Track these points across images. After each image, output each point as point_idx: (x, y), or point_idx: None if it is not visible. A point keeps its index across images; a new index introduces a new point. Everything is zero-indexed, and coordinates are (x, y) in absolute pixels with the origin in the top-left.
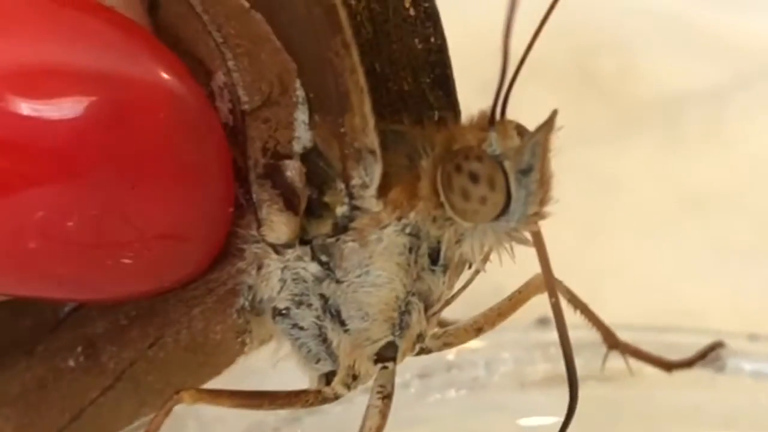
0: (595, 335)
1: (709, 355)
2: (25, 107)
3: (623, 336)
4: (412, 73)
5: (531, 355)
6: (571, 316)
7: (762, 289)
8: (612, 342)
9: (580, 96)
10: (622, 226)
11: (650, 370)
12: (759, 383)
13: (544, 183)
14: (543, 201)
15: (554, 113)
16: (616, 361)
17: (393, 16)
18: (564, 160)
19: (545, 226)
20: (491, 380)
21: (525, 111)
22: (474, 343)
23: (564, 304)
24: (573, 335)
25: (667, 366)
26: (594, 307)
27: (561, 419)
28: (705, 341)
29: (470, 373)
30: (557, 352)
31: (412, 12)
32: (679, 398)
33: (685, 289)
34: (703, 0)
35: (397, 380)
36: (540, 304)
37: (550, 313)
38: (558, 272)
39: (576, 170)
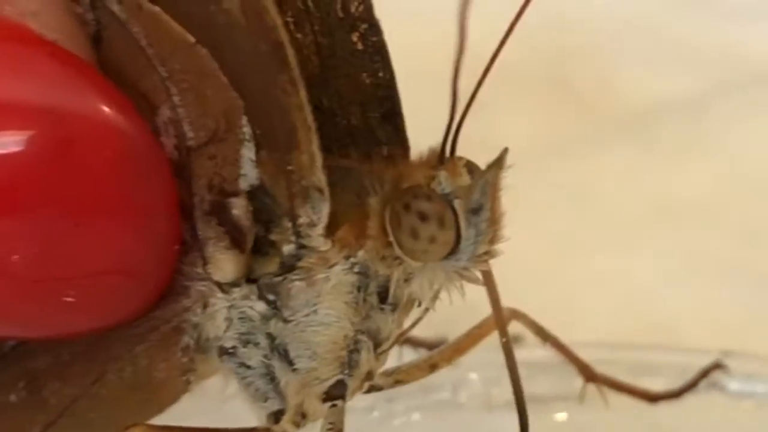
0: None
1: (700, 382)
2: None
3: (596, 354)
4: (360, 107)
5: (499, 376)
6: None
7: (738, 302)
8: (588, 375)
9: (554, 105)
10: (597, 239)
11: None
12: (732, 402)
13: (495, 222)
14: (493, 240)
15: (504, 152)
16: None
17: (340, 49)
18: (538, 171)
19: (519, 240)
20: (458, 402)
21: (498, 121)
22: None
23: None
24: (539, 354)
25: (652, 398)
26: (568, 321)
27: None
28: (679, 359)
29: (436, 395)
30: (527, 372)
31: (360, 46)
32: (647, 419)
33: (661, 302)
34: (680, 8)
35: (361, 404)
36: (511, 325)
37: (519, 331)
38: (531, 285)
39: (550, 181)
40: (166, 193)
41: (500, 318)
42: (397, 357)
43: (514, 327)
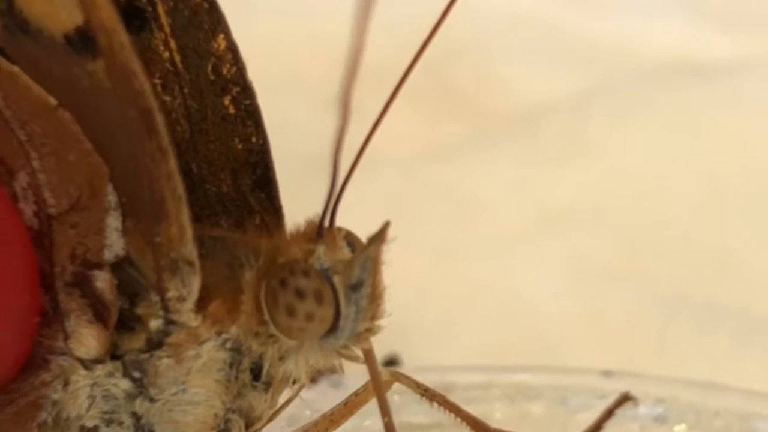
0: (441, 381)
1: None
2: None
3: (473, 378)
4: (231, 174)
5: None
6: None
7: (624, 314)
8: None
9: (433, 107)
10: (478, 248)
11: None
12: (615, 426)
13: (376, 298)
14: (375, 316)
15: (386, 225)
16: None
17: (211, 114)
18: (416, 176)
19: (395, 249)
20: None
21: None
22: (306, 394)
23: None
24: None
25: None
26: (446, 336)
27: None
28: (559, 381)
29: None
30: (401, 400)
31: (231, 110)
32: None
33: (544, 316)
34: (562, 4)
35: None
36: (387, 342)
37: (396, 353)
38: (407, 298)
39: (429, 188)
40: (24, 262)
41: (383, 399)
42: None
43: (392, 347)
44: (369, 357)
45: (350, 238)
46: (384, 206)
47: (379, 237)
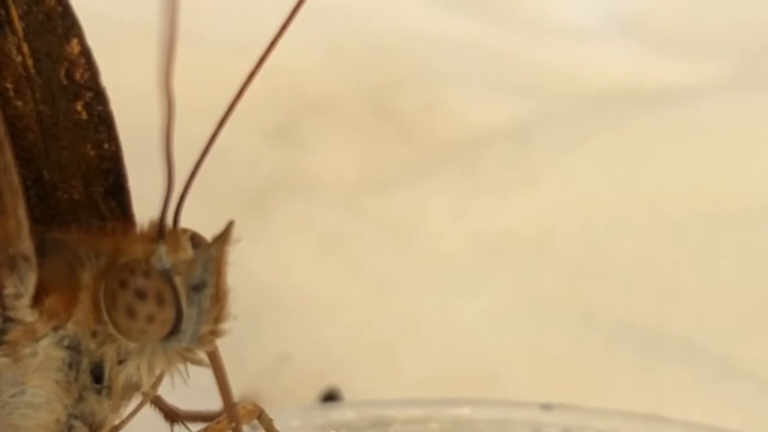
0: (379, 416)
1: None
2: None
3: (411, 413)
4: (83, 181)
5: None
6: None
7: (565, 345)
8: None
9: (376, 135)
10: (419, 278)
11: None
12: None
13: (220, 299)
14: (219, 318)
15: (230, 224)
16: None
17: (63, 119)
18: (357, 206)
19: (333, 281)
20: None
21: (317, 155)
22: None
23: None
24: (350, 416)
25: None
26: (385, 370)
27: None
28: (498, 414)
29: None
30: None
31: (84, 116)
32: None
33: (485, 348)
34: (504, 30)
35: None
36: (326, 375)
37: (336, 386)
38: (346, 331)
39: (369, 217)
40: None
41: (230, 405)
42: None
43: (331, 380)
44: (215, 361)
45: (196, 240)
46: (323, 235)
47: (222, 237)
